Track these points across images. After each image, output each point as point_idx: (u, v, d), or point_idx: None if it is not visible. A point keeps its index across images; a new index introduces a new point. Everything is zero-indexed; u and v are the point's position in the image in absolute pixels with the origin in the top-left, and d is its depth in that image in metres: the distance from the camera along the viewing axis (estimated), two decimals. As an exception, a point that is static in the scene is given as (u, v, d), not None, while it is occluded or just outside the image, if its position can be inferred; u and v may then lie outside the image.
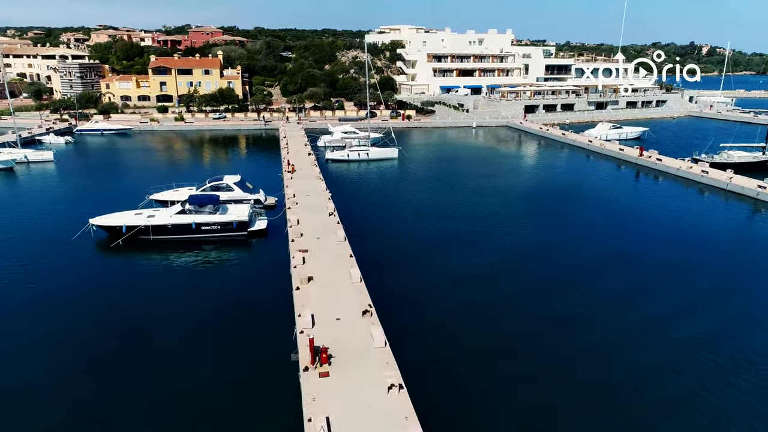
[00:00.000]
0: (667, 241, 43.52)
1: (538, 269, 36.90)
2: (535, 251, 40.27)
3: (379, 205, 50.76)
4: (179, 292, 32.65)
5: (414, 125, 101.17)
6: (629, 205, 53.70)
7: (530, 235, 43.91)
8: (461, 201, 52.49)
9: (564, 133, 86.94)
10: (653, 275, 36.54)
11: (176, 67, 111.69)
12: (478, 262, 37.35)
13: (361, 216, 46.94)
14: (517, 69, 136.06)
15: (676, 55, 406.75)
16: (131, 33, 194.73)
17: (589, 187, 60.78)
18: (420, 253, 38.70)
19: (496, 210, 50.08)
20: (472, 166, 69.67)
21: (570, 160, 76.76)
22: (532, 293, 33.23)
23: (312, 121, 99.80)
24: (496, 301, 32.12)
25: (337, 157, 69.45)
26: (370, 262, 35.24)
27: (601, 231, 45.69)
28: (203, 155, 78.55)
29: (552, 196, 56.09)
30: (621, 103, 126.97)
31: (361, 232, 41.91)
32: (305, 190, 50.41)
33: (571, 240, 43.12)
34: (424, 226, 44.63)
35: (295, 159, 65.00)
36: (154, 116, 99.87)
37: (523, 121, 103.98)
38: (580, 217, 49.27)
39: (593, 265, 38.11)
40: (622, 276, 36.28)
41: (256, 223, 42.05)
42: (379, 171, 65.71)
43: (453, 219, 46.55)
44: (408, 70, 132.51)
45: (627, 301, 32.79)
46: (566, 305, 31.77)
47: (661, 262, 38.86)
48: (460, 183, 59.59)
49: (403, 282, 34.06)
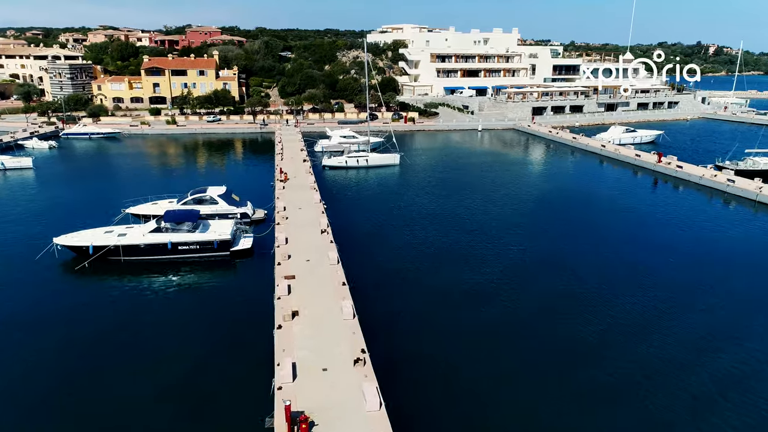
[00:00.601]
0: (690, 257, 39.69)
1: (553, 289, 33.38)
2: (548, 268, 36.62)
3: (377, 219, 46.40)
4: (146, 326, 28.41)
5: (417, 128, 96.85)
6: (648, 217, 49.40)
7: (542, 251, 39.88)
8: (468, 213, 48.13)
9: (575, 137, 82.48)
10: (677, 295, 32.79)
11: (170, 68, 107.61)
12: (489, 286, 33.08)
13: (357, 232, 42.65)
14: (523, 69, 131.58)
15: (683, 55, 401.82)
16: (129, 33, 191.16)
17: (604, 196, 56.40)
18: (423, 278, 34.36)
19: (506, 222, 45.76)
20: (478, 173, 65.28)
21: (582, 166, 72.27)
22: (547, 316, 29.90)
23: (310, 124, 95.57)
24: (512, 332, 28.04)
25: (334, 163, 65.16)
26: (365, 290, 31.02)
27: (617, 244, 41.82)
28: (192, 161, 74.26)
29: (564, 207, 51.91)
30: (632, 104, 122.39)
31: (356, 251, 37.67)
32: (298, 202, 46.15)
33: (586, 254, 39.50)
34: (427, 244, 40.30)
35: (290, 166, 60.75)
36: (145, 119, 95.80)
37: (530, 123, 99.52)
38: (595, 230, 45.46)
39: (609, 282, 34.58)
40: (642, 297, 32.47)
41: (240, 242, 37.80)
42: (379, 179, 61.38)
43: (459, 235, 42.18)
44: (411, 70, 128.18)
45: (647, 326, 28.96)
46: (580, 330, 28.38)
47: (685, 280, 35.13)
48: (467, 193, 55.23)
49: (404, 317, 29.70)
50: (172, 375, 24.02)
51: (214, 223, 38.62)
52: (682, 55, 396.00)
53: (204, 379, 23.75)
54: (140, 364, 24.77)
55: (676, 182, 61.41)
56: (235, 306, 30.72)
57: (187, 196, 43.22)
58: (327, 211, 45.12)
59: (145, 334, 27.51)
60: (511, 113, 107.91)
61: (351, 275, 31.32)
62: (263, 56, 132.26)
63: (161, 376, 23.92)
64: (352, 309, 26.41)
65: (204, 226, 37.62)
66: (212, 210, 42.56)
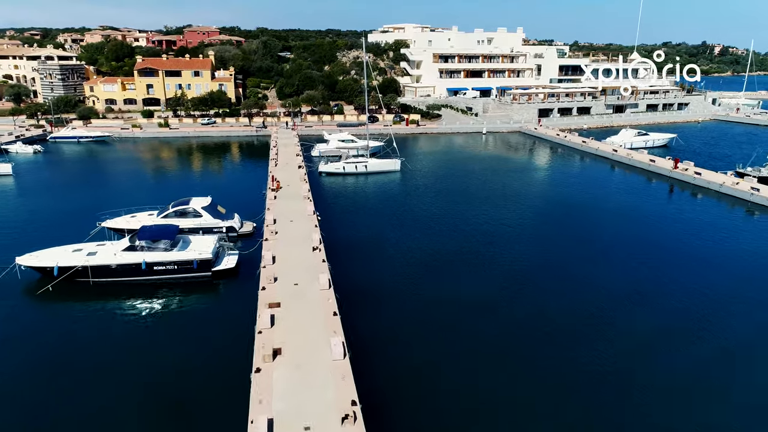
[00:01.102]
0: (712, 272, 36.29)
1: (568, 306, 30.57)
2: (564, 283, 33.85)
3: (375, 232, 42.82)
4: (107, 360, 24.94)
5: (419, 131, 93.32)
6: (665, 227, 45.99)
7: (555, 264, 37.02)
8: (474, 225, 44.57)
9: (584, 141, 78.82)
10: (698, 315, 29.67)
11: (164, 69, 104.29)
12: (500, 310, 29.50)
13: (353, 248, 39.13)
14: (528, 70, 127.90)
15: (687, 55, 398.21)
16: (126, 33, 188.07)
17: (617, 204, 52.81)
18: (425, 305, 30.78)
19: (515, 234, 42.26)
20: (484, 180, 61.69)
21: (593, 172, 68.61)
22: (565, 337, 27.33)
23: (308, 127, 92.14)
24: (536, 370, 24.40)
25: (331, 170, 61.63)
26: (359, 321, 27.51)
27: (631, 257, 38.48)
28: (182, 167, 70.51)
29: (575, 215, 48.68)
30: (641, 105, 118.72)
31: (351, 272, 34.17)
32: (289, 214, 42.64)
33: (599, 266, 36.63)
34: (430, 263, 36.72)
35: (284, 172, 57.29)
36: (138, 122, 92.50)
37: (537, 126, 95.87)
38: (608, 240, 42.37)
39: (623, 299, 31.61)
40: (659, 316, 29.43)
41: (223, 260, 34.30)
42: (379, 187, 57.85)
43: (465, 251, 38.58)
44: (412, 71, 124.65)
45: (664, 349, 25.99)
46: (600, 353, 25.75)
47: (707, 298, 31.86)
48: (473, 202, 51.65)
49: (404, 355, 26.10)
50: (132, 424, 20.56)
51: (196, 239, 35.13)
52: (687, 56, 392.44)
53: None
54: (104, 402, 21.43)
55: (695, 190, 57.77)
56: (213, 337, 27.21)
57: (168, 209, 39.78)
58: (321, 223, 41.69)
59: (104, 369, 24.08)
60: (517, 115, 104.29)
61: (345, 302, 27.85)
62: (261, 56, 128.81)
63: (122, 425, 20.47)
64: (342, 347, 22.86)
65: (184, 243, 34.15)
66: (195, 224, 39.10)
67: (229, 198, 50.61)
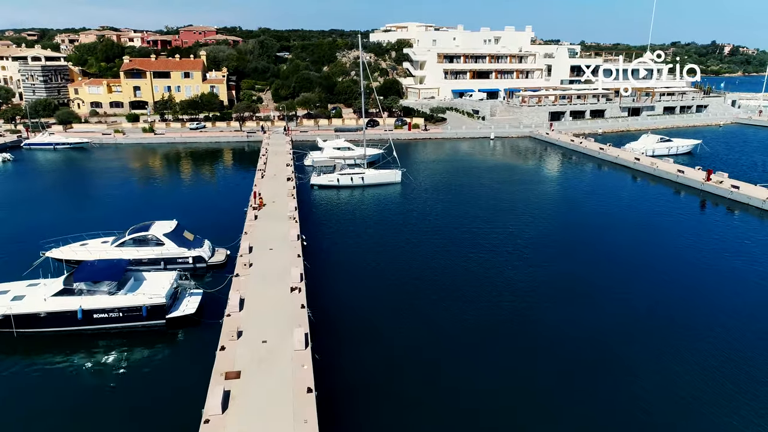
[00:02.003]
0: (758, 306, 30.59)
1: (593, 335, 26.22)
2: (587, 312, 28.76)
3: (370, 263, 36.56)
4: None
5: (422, 136, 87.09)
6: (698, 248, 40.32)
7: (577, 287, 32.00)
8: (486, 247, 38.35)
9: (602, 148, 72.36)
10: (740, 351, 25.24)
11: (152, 70, 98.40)
12: (523, 343, 23.31)
13: (342, 285, 32.94)
14: (538, 70, 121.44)
15: (697, 55, 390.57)
16: (120, 33, 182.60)
17: (642, 221, 46.69)
18: (432, 369, 24.59)
19: (530, 259, 36.01)
20: (494, 193, 55.42)
21: (613, 183, 62.13)
22: (585, 373, 22.73)
23: (303, 132, 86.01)
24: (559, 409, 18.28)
25: (324, 182, 55.48)
26: (342, 401, 21.32)
27: (662, 279, 33.86)
28: (159, 178, 63.48)
29: (596, 233, 43.46)
30: (657, 108, 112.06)
31: (336, 321, 27.98)
32: (270, 239, 36.55)
33: (624, 291, 32.25)
34: (434, 307, 30.50)
35: (270, 186, 51.24)
36: (122, 126, 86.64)
37: (549, 131, 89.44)
38: (634, 261, 37.18)
39: (654, 327, 27.53)
40: (695, 351, 25.36)
41: (182, 304, 28.15)
42: (377, 202, 51.64)
43: (477, 284, 32.37)
44: (416, 72, 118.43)
45: (695, 395, 20.57)
46: (618, 392, 21.42)
47: (752, 331, 27.13)
48: (481, 221, 45.40)
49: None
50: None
51: (150, 277, 29.04)
52: (697, 55, 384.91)
53: None
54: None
55: (731, 205, 51.35)
56: (150, 417, 21.10)
57: (124, 236, 33.72)
58: (307, 250, 35.75)
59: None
60: (526, 119, 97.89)
61: (324, 371, 21.77)
62: (257, 57, 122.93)
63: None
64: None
65: (134, 283, 28.07)
66: (155, 254, 33.05)
67: (205, 217, 44.73)
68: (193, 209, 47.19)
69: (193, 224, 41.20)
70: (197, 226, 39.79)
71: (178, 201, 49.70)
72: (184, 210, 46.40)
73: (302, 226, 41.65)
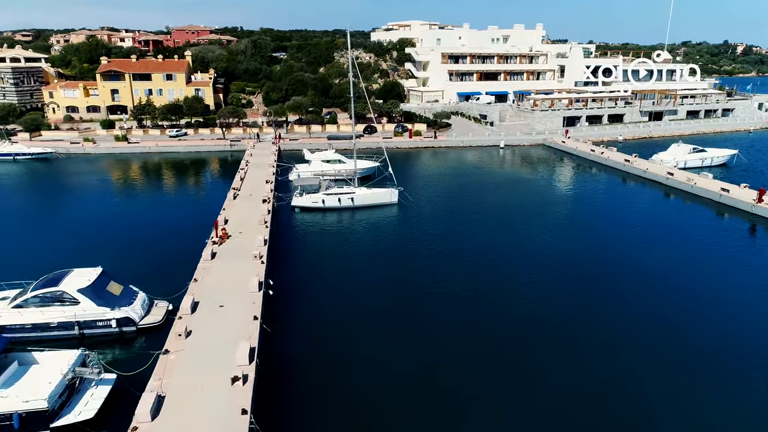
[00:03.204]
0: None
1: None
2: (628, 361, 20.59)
3: (359, 330, 28.35)
4: None
5: (424, 144, 78.94)
6: (754, 284, 32.05)
7: (609, 329, 22.66)
8: (502, 292, 30.24)
9: (628, 160, 63.94)
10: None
11: (131, 72, 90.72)
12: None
13: (312, 357, 24.78)
14: (550, 71, 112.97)
15: (709, 55, 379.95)
16: (112, 33, 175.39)
17: (680, 252, 38.73)
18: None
19: (554, 304, 27.78)
20: (506, 215, 47.26)
21: (643, 204, 53.62)
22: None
23: (293, 140, 78.06)
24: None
25: (306, 203, 47.41)
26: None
27: (711, 319, 27.02)
28: (115, 200, 53.08)
29: (629, 270, 34.69)
30: (680, 112, 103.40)
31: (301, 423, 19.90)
32: (223, 290, 28.57)
33: (672, 335, 24.51)
34: (445, 390, 22.39)
35: (242, 210, 43.30)
36: (96, 134, 79.05)
37: (564, 138, 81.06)
38: (673, 302, 29.82)
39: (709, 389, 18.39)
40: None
41: (77, 405, 20.04)
42: (369, 230, 43.52)
43: (495, 344, 24.24)
44: (418, 73, 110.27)
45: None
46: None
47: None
48: (496, 255, 37.24)
49: None
50: None
51: (43, 360, 21.08)
52: (709, 55, 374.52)
53: None
54: None
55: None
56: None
57: (27, 292, 25.78)
58: (272, 301, 27.80)
59: None
60: (539, 124, 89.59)
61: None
62: (250, 57, 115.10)
63: None
64: None
65: (15, 372, 20.13)
66: (67, 316, 25.12)
67: (154, 254, 36.76)
68: (141, 243, 39.04)
69: (134, 266, 33.42)
70: (138, 270, 32.01)
71: (125, 232, 41.22)
72: (129, 245, 38.48)
73: (273, 265, 33.75)
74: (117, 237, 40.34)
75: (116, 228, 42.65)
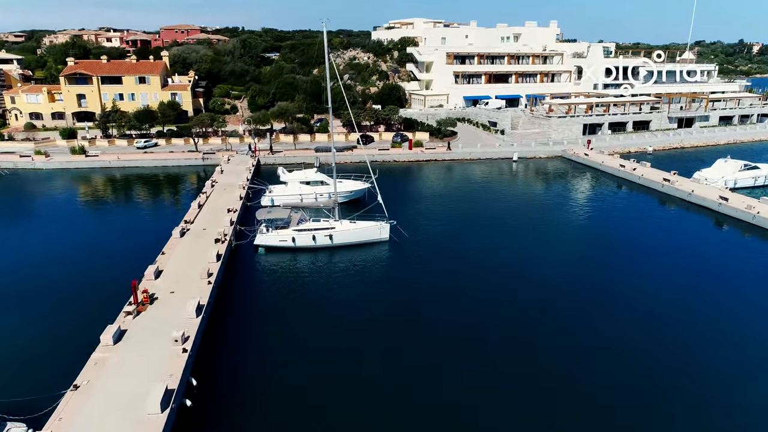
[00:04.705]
0: None
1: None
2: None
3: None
4: None
5: (425, 157, 69.02)
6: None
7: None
8: (525, 375, 20.43)
9: (668, 179, 53.73)
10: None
11: (99, 74, 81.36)
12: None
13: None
14: (566, 72, 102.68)
15: (723, 54, 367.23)
16: (99, 33, 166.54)
17: (749, 306, 28.53)
18: None
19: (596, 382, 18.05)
20: (525, 256, 37.40)
21: (692, 238, 43.43)
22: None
23: (276, 152, 68.32)
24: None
25: (272, 242, 37.50)
26: None
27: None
28: (33, 239, 40.22)
29: (691, 332, 24.37)
30: (712, 118, 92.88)
31: None
32: (113, 410, 18.84)
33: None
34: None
35: (189, 252, 33.64)
36: (50, 146, 69.79)
37: (587, 150, 70.89)
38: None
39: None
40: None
41: None
42: (351, 282, 33.68)
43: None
44: (421, 75, 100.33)
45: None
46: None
47: None
48: (514, 316, 27.38)
49: None
50: None
51: None
52: (724, 55, 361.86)
53: None
54: None
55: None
56: None
57: None
58: (188, 421, 18.11)
59: None
60: (556, 133, 79.54)
61: None
62: (237, 58, 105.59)
63: None
64: None
65: None
66: None
67: (34, 337, 26.97)
68: (30, 316, 29.04)
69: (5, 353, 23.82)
70: (10, 361, 22.45)
71: (13, 295, 31.27)
72: (11, 317, 28.80)
73: (208, 351, 24.05)
74: (14, 300, 30.54)
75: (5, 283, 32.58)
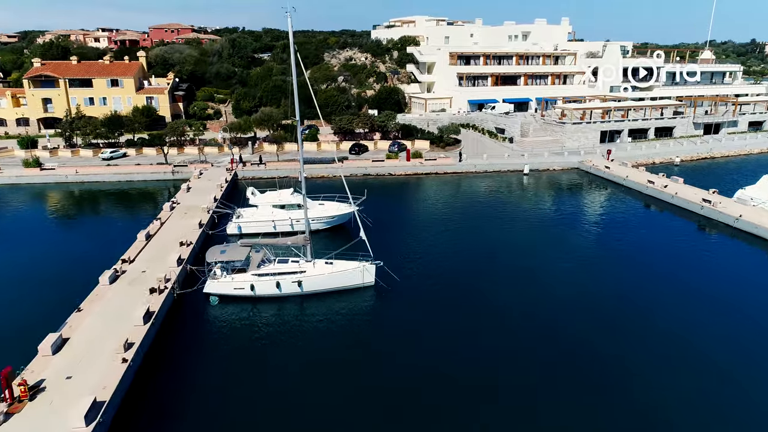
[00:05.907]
0: None
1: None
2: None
3: None
4: None
5: (425, 170, 61.25)
6: None
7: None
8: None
9: (705, 201, 45.74)
10: None
11: (66, 77, 74.11)
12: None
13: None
14: (579, 74, 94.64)
15: (735, 55, 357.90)
16: (86, 33, 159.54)
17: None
18: None
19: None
20: (543, 305, 29.60)
21: (750, 275, 35.60)
22: None
23: (255, 165, 60.65)
24: None
25: (226, 290, 29.69)
26: None
27: None
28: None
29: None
30: (741, 123, 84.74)
31: None
32: None
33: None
34: None
35: (110, 309, 26.01)
36: (12, 155, 62.54)
37: (607, 161, 62.93)
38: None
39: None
40: None
41: None
42: (324, 347, 25.99)
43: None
44: (422, 76, 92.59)
45: None
46: None
47: None
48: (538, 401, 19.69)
49: None
50: None
51: None
52: (735, 55, 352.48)
53: None
54: None
55: None
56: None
57: None
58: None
59: None
60: (570, 141, 71.68)
61: None
62: (225, 58, 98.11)
63: None
64: None
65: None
66: None
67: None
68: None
69: None
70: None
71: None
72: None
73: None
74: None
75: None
